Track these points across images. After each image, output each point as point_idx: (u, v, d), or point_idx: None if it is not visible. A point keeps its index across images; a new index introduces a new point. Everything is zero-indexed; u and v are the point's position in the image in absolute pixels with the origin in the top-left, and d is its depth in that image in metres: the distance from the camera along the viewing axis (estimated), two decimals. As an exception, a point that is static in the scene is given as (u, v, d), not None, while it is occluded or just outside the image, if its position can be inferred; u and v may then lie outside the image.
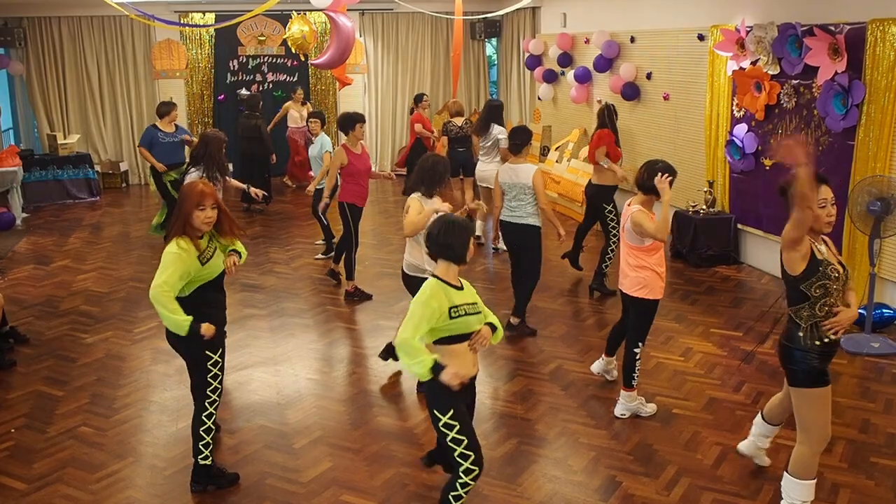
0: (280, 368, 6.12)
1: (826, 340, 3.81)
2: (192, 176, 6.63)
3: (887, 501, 4.26)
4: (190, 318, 4.11)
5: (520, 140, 6.61)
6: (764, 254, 8.29)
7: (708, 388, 5.64)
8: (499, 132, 8.87)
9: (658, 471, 4.59)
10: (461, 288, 3.83)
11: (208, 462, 4.44)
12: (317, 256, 9.14)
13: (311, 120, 9.40)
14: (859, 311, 6.52)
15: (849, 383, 5.72)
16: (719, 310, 7.19)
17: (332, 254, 8.56)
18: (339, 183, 7.71)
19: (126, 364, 6.24)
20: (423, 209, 5.37)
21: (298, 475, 4.60)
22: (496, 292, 7.75)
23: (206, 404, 4.38)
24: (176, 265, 4.16)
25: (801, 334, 3.81)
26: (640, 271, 5.06)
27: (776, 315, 7.03)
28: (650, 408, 5.31)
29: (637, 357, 5.20)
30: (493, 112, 9.07)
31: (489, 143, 8.96)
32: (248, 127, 11.27)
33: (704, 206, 8.63)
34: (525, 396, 5.61)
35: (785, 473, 3.98)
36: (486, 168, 8.96)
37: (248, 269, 8.64)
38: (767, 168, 7.98)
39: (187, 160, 8.06)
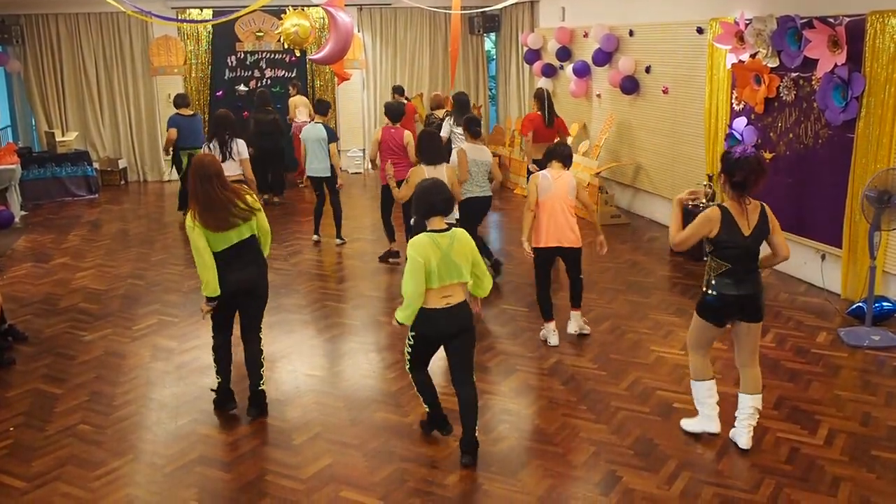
0: (279, 365, 6.11)
1: None
2: (205, 148, 8.27)
3: (889, 495, 4.25)
4: (209, 280, 4.86)
5: (479, 126, 7.80)
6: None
7: (708, 382, 5.62)
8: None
9: (658, 465, 4.58)
10: None
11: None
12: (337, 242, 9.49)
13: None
14: (860, 304, 6.54)
15: (849, 376, 5.71)
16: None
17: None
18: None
19: (125, 361, 6.23)
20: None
21: (298, 471, 4.59)
22: (497, 287, 7.74)
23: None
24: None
25: None
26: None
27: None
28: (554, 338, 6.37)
29: None
30: (467, 104, 9.97)
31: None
32: (265, 122, 11.32)
33: (704, 200, 8.60)
34: (524, 391, 5.60)
35: (757, 396, 4.73)
36: None
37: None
38: (767, 161, 7.95)
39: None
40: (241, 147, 8.46)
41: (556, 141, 6.50)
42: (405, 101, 11.85)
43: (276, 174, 11.76)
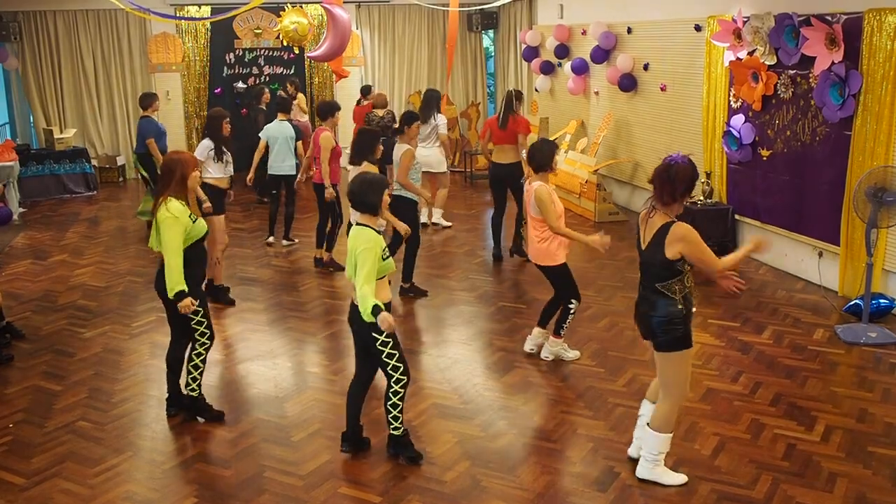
0: (278, 362, 6.12)
1: (693, 308, 4.25)
2: (202, 146, 7.30)
3: (885, 490, 4.27)
4: (183, 285, 4.72)
5: (403, 124, 7.49)
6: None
7: (706, 379, 5.64)
8: (440, 119, 9.54)
9: (656, 461, 4.60)
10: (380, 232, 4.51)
11: (195, 394, 5.13)
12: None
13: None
14: (857, 301, 6.56)
15: (846, 373, 5.73)
16: (716, 301, 7.18)
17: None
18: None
19: (124, 358, 6.23)
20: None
21: (297, 468, 4.61)
22: (496, 284, 7.76)
23: (197, 345, 5.05)
24: (175, 228, 4.70)
25: (679, 306, 4.15)
26: (543, 242, 5.76)
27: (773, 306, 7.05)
28: (573, 353, 6.01)
29: (571, 311, 5.86)
30: (434, 100, 9.59)
31: (429, 130, 9.47)
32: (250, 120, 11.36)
33: (702, 198, 8.62)
34: (523, 388, 5.62)
35: (648, 429, 4.33)
36: (429, 153, 9.49)
37: (246, 263, 8.64)
38: (765, 159, 7.98)
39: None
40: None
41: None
42: (365, 103, 11.79)
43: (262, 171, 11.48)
